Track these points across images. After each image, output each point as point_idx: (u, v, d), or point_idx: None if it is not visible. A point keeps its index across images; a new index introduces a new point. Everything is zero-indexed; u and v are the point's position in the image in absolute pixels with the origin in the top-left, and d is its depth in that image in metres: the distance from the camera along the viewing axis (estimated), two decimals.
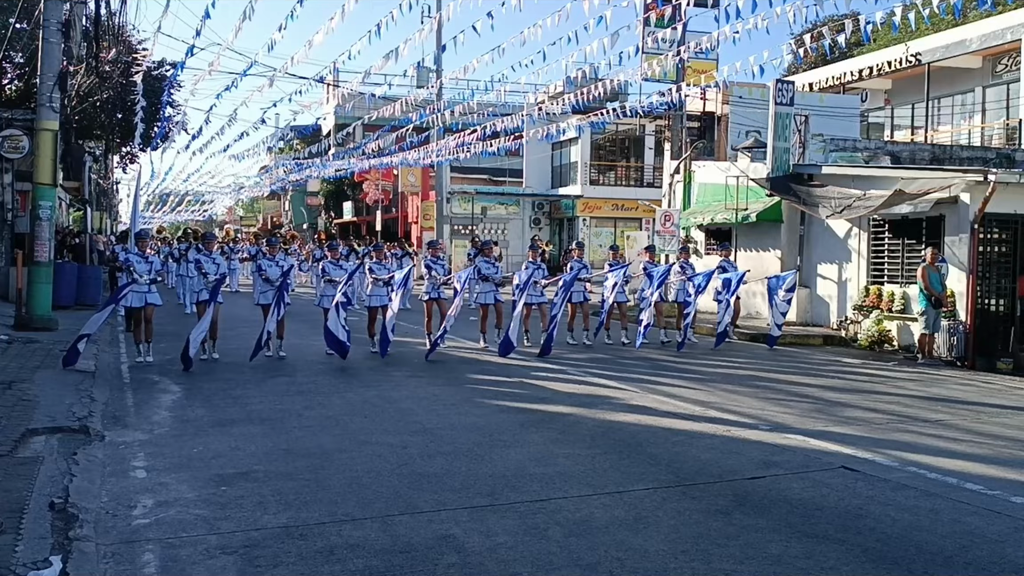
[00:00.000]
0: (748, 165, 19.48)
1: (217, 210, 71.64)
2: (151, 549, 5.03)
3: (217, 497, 6.03)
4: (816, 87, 28.61)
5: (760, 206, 18.90)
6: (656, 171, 35.53)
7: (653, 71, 18.48)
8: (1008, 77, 24.63)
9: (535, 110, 23.77)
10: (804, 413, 9.44)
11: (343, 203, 51.96)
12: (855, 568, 4.86)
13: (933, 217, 15.30)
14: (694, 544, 5.22)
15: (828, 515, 5.80)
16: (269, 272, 13.14)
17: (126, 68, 20.53)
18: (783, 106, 18.22)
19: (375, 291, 13.59)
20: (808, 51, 15.79)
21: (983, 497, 6.22)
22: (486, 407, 9.42)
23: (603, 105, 23.01)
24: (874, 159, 20.24)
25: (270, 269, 13.17)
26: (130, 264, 12.32)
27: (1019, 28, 23.35)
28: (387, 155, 32.08)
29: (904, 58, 26.00)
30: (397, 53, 15.12)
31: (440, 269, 14.14)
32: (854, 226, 17.06)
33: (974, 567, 4.87)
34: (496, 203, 37.71)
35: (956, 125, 26.49)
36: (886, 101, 29.02)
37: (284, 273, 12.98)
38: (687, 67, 21.45)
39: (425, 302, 14.10)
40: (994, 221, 14.81)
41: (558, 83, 23.51)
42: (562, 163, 38.66)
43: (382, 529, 5.40)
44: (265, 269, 13.23)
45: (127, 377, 11.23)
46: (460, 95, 27.11)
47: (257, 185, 50.49)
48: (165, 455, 7.19)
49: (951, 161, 20.36)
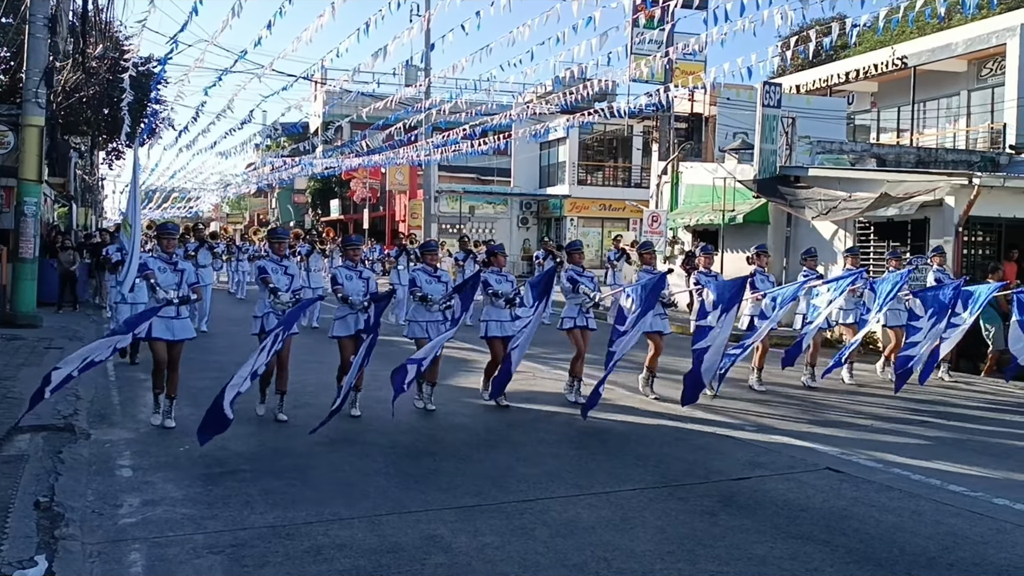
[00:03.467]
0: (735, 167, 19.55)
1: (203, 207, 71.33)
2: (137, 548, 5.02)
3: (204, 496, 6.02)
4: (803, 89, 28.73)
5: (747, 207, 18.98)
6: (644, 171, 35.60)
7: (641, 72, 18.53)
8: (993, 81, 24.80)
9: (523, 109, 23.79)
10: (789, 414, 9.49)
11: (330, 201, 51.83)
12: (839, 569, 4.90)
13: (918, 220, 15.39)
14: (680, 545, 5.25)
15: (813, 516, 5.85)
16: (347, 287, 8.73)
17: (113, 64, 20.42)
18: (770, 108, 18.30)
19: (494, 314, 9.44)
20: (796, 54, 15.84)
21: (965, 499, 6.28)
22: (473, 407, 9.43)
23: (591, 105, 23.06)
24: (860, 161, 20.36)
25: (349, 283, 8.79)
26: (149, 272, 8.13)
27: (1004, 32, 23.53)
28: (375, 153, 32.03)
29: (890, 61, 26.14)
30: (385, 51, 15.11)
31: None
32: (840, 228, 17.15)
33: (956, 568, 4.92)
34: (484, 202, 37.70)
35: (941, 128, 26.66)
36: (872, 104, 29.19)
37: (378, 297, 8.63)
38: (675, 68, 21.51)
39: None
40: (978, 224, 14.94)
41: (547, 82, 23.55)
42: (550, 163, 38.70)
43: (369, 529, 5.41)
44: (343, 283, 8.77)
45: (112, 375, 11.16)
46: (448, 94, 27.05)
47: (244, 182, 50.29)
48: (151, 454, 7.17)
49: (936, 164, 20.51)
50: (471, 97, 23.46)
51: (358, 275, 8.96)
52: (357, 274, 8.97)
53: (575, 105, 21.22)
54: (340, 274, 8.91)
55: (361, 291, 8.74)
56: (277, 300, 8.39)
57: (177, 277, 8.22)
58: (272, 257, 8.96)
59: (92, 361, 7.00)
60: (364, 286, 8.84)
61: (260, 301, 8.69)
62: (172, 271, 8.22)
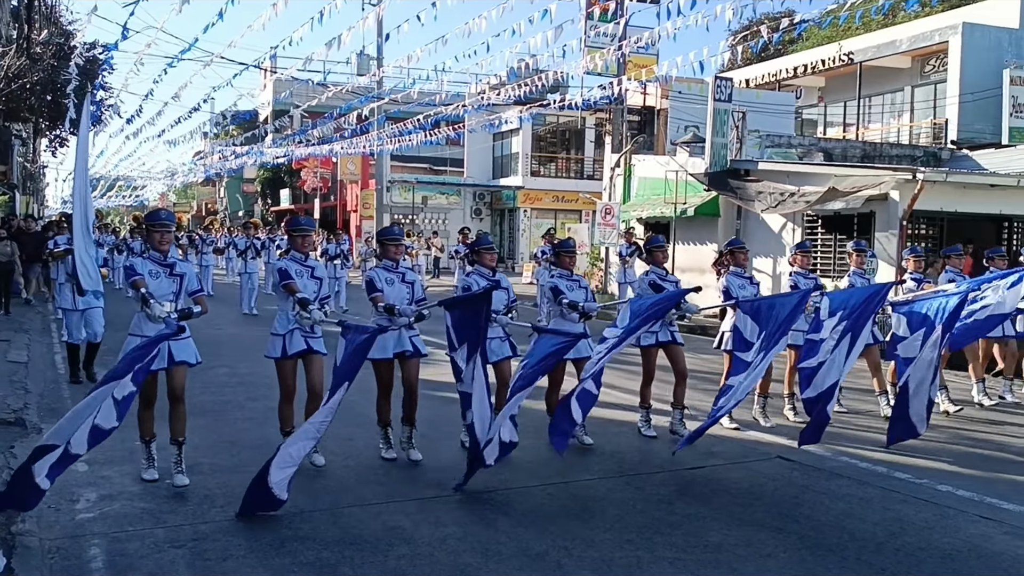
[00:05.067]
0: (687, 160, 19.80)
1: (148, 196, 70.07)
2: (97, 544, 4.99)
3: (161, 491, 5.98)
4: (752, 83, 29.14)
5: (698, 200, 19.23)
6: (596, 163, 35.83)
7: (595, 65, 18.65)
8: (936, 77, 25.43)
9: (476, 100, 23.78)
10: (741, 404, 9.67)
11: (280, 190, 51.29)
12: (792, 555, 5.06)
13: (864, 213, 15.76)
14: (638, 533, 5.37)
15: (765, 504, 6.01)
16: (389, 294, 6.88)
17: (58, 50, 19.97)
18: (722, 102, 18.55)
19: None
20: (747, 48, 16.09)
21: (911, 485, 6.50)
22: (430, 399, 9.42)
23: (544, 97, 23.15)
24: (808, 155, 20.77)
25: (390, 289, 6.92)
26: (138, 279, 6.11)
27: (947, 30, 24.14)
28: (327, 143, 31.77)
29: (837, 57, 26.66)
30: (340, 41, 14.99)
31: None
32: (788, 221, 17.48)
33: (903, 552, 5.11)
34: (437, 192, 37.62)
35: (886, 123, 27.27)
36: (819, 98, 29.72)
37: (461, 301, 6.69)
38: (628, 62, 21.68)
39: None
40: (922, 218, 15.38)
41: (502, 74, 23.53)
42: (503, 154, 38.74)
43: (331, 521, 5.43)
44: (382, 289, 6.90)
45: (61, 368, 10.98)
46: (402, 84, 26.97)
47: (191, 171, 49.50)
48: (105, 448, 6.98)
49: (881, 158, 21.03)
50: (424, 87, 23.41)
51: (400, 278, 7.02)
52: (399, 277, 7.03)
53: (528, 97, 21.29)
54: (378, 277, 6.95)
55: (406, 298, 6.94)
56: (305, 315, 6.29)
57: (175, 284, 6.28)
58: (294, 255, 6.84)
59: (99, 427, 5.18)
60: (409, 293, 7.01)
61: (281, 315, 6.62)
62: (167, 276, 6.27)
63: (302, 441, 5.65)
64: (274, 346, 6.59)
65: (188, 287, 6.35)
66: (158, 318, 5.82)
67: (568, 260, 8.04)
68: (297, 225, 7.03)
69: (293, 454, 5.53)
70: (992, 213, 16.07)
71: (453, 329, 6.39)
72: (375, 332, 6.26)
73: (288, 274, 6.60)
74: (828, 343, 6.89)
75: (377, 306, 6.84)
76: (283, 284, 6.58)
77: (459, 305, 6.55)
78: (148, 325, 5.98)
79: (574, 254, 8.19)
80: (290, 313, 6.53)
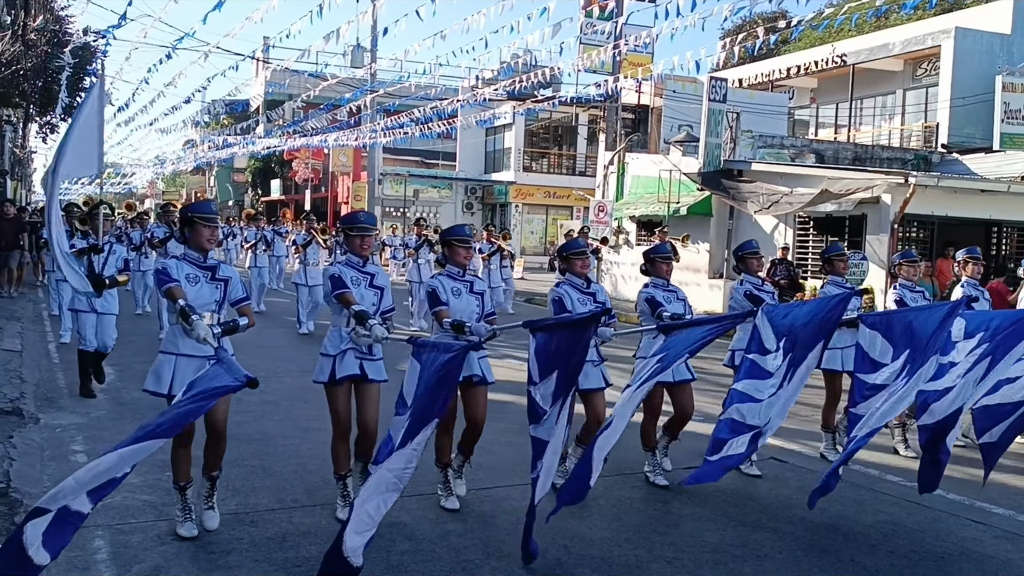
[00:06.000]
0: (680, 159, 19.90)
1: (137, 183, 69.78)
2: (100, 535, 5.02)
3: (163, 483, 5.99)
4: (745, 83, 29.27)
5: (691, 200, 19.34)
6: (588, 160, 35.93)
7: (593, 62, 18.72)
8: (927, 81, 25.62)
9: (470, 95, 23.82)
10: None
11: (271, 181, 51.17)
12: (787, 556, 5.14)
13: (856, 216, 15.90)
14: (636, 532, 5.44)
15: (760, 504, 6.09)
16: (455, 306, 5.75)
17: (52, 36, 19.88)
18: (716, 102, 18.65)
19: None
20: (743, 49, 16.19)
21: (903, 488, 6.60)
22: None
23: (536, 92, 23.21)
24: (799, 156, 20.92)
25: (457, 300, 5.77)
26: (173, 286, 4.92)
27: (939, 34, 24.32)
28: (318, 134, 31.75)
29: (830, 58, 26.81)
30: (338, 34, 15.01)
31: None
32: (780, 222, 17.61)
33: (897, 555, 5.20)
34: (429, 186, 37.65)
35: (877, 126, 27.45)
36: (812, 99, 29.89)
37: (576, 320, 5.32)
38: (623, 60, 21.76)
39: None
40: (913, 221, 15.53)
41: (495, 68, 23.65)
42: (496, 148, 38.78)
43: (332, 516, 5.48)
44: (448, 301, 5.74)
45: (56, 357, 10.99)
46: (396, 76, 26.97)
47: (181, 159, 49.32)
48: (105, 439, 7.09)
49: (872, 161, 21.19)
50: (419, 81, 23.44)
51: (467, 288, 5.83)
52: (466, 286, 5.83)
53: (521, 92, 21.34)
54: (442, 287, 5.74)
55: (475, 312, 5.78)
56: (363, 332, 5.15)
57: (217, 291, 5.12)
58: (349, 259, 5.60)
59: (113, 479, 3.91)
60: (478, 305, 5.83)
61: (333, 331, 5.46)
62: (208, 281, 5.11)
63: (379, 496, 4.38)
64: (322, 368, 5.42)
65: (232, 295, 5.22)
66: (202, 339, 4.61)
67: (665, 267, 6.80)
68: (355, 222, 5.64)
69: (371, 513, 4.34)
70: (982, 218, 16.23)
71: (537, 357, 5.03)
72: (464, 349, 4.89)
73: (343, 282, 5.40)
74: (961, 367, 5.71)
75: (442, 322, 5.63)
76: (336, 294, 5.37)
77: (553, 328, 5.15)
78: (186, 342, 4.95)
79: (671, 260, 6.93)
80: (343, 329, 5.39)
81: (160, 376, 5.08)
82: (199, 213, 5.20)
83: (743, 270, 7.36)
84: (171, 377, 5.03)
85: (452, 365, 4.71)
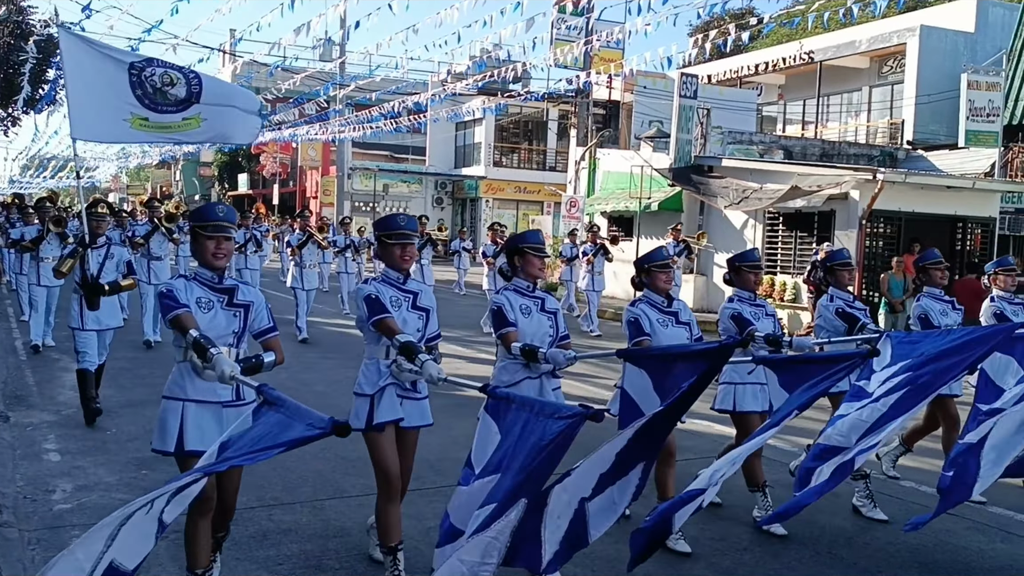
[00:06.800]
0: (651, 154, 20.00)
1: (100, 177, 68.81)
2: (77, 534, 4.88)
3: (139, 481, 5.95)
4: (715, 79, 29.46)
5: (662, 195, 19.45)
6: (559, 155, 35.99)
7: (565, 58, 18.75)
8: (893, 78, 25.95)
9: (440, 89, 23.77)
10: (708, 398, 9.84)
11: (238, 175, 50.70)
12: (765, 549, 5.21)
13: (825, 212, 16.07)
14: (617, 526, 5.43)
15: (737, 498, 6.14)
16: (525, 327, 4.88)
17: (14, 27, 19.53)
18: (687, 99, 18.76)
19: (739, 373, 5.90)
20: (714, 45, 16.31)
21: (877, 482, 6.67)
22: None
23: (507, 87, 23.21)
24: (768, 152, 21.11)
25: (526, 320, 4.89)
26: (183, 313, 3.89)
27: (905, 32, 24.64)
28: (287, 128, 31.51)
29: (798, 55, 27.06)
30: (309, 27, 14.88)
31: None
32: (750, 218, 17.75)
33: (872, 547, 5.29)
34: (398, 181, 37.47)
35: (844, 122, 27.77)
36: (779, 96, 30.16)
37: None
38: (595, 55, 21.82)
39: None
40: (881, 217, 15.72)
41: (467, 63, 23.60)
42: (466, 143, 38.71)
43: (312, 513, 5.46)
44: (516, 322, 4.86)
45: (23, 354, 10.80)
46: (366, 71, 26.83)
47: (146, 153, 48.67)
48: (77, 437, 7.02)
49: (839, 157, 21.44)
50: (389, 75, 23.35)
51: (538, 305, 4.94)
52: (537, 304, 4.93)
53: (490, 84, 21.33)
54: (509, 304, 4.85)
55: (548, 334, 4.90)
56: (410, 368, 4.19)
57: (236, 320, 4.09)
58: (387, 275, 4.56)
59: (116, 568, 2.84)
60: (552, 327, 4.95)
61: (369, 365, 4.49)
62: (224, 307, 4.07)
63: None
64: (358, 412, 4.44)
65: (255, 324, 4.17)
66: (229, 379, 3.55)
67: (753, 277, 5.92)
68: (395, 227, 4.51)
69: None
70: (947, 214, 16.48)
71: (631, 396, 4.31)
72: (578, 418, 3.38)
73: (381, 305, 4.35)
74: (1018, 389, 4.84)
75: (510, 347, 4.72)
76: (375, 321, 4.31)
77: (656, 360, 4.30)
78: (197, 384, 3.95)
79: (760, 269, 6.12)
80: (382, 362, 4.42)
81: (166, 429, 4.00)
82: (200, 222, 4.07)
83: (832, 283, 6.48)
84: (179, 429, 3.98)
85: (558, 441, 3.34)
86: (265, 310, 4.22)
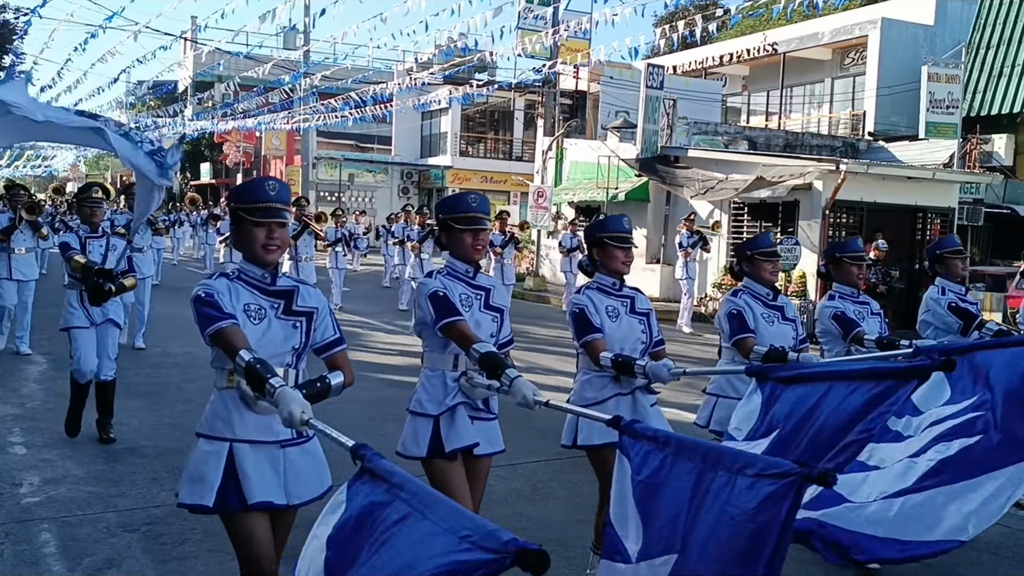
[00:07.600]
0: (617, 145, 20.08)
1: (58, 166, 67.61)
2: (47, 528, 4.91)
3: (107, 474, 5.90)
4: (680, 70, 29.63)
5: (629, 185, 19.55)
6: (525, 145, 35.99)
7: (532, 48, 18.75)
8: (855, 70, 26.30)
9: (405, 78, 23.66)
10: (677, 387, 9.94)
11: (201, 164, 50.10)
12: None
13: (789, 202, 16.26)
14: (589, 513, 5.48)
15: None
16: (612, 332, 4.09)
17: None
18: (653, 89, 18.86)
19: None
20: (682, 36, 16.41)
21: None
22: (372, 380, 9.47)
23: (472, 76, 23.16)
24: (733, 143, 21.30)
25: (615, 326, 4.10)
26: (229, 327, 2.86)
27: (867, 25, 24.96)
28: (251, 116, 31.20)
29: (761, 47, 27.30)
30: (274, 14, 14.74)
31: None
32: (716, 208, 17.91)
33: None
34: (364, 170, 37.26)
35: (807, 113, 28.10)
36: (744, 87, 30.42)
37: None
38: (562, 45, 21.84)
39: None
40: (843, 207, 15.95)
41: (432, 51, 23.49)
42: (432, 133, 38.57)
43: None
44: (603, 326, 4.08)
45: None
46: (331, 59, 26.59)
47: None
48: (43, 430, 6.93)
49: (803, 148, 21.69)
50: (353, 63, 23.19)
51: (627, 306, 4.17)
52: (625, 305, 4.17)
53: (457, 74, 21.26)
54: (593, 305, 4.10)
55: (641, 341, 4.17)
56: (491, 383, 3.48)
57: (297, 332, 3.15)
58: (453, 268, 3.79)
59: None
60: (644, 331, 4.19)
61: (432, 378, 3.77)
62: (280, 315, 3.13)
63: None
64: (417, 436, 3.73)
65: (319, 336, 3.24)
66: (300, 422, 2.57)
67: (856, 270, 5.21)
68: (464, 209, 3.73)
69: None
70: (908, 204, 16.75)
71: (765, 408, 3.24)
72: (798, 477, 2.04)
73: (451, 305, 3.59)
74: None
75: (598, 358, 3.99)
76: (445, 324, 3.54)
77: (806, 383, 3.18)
78: (247, 418, 3.05)
79: (864, 260, 5.36)
80: (449, 375, 3.70)
81: (203, 478, 3.03)
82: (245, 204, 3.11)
83: (941, 274, 5.61)
84: (220, 479, 3.02)
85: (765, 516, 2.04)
86: (329, 317, 3.29)
